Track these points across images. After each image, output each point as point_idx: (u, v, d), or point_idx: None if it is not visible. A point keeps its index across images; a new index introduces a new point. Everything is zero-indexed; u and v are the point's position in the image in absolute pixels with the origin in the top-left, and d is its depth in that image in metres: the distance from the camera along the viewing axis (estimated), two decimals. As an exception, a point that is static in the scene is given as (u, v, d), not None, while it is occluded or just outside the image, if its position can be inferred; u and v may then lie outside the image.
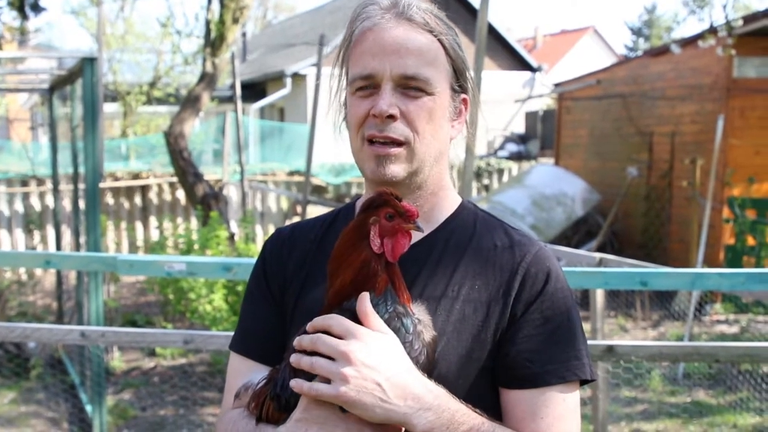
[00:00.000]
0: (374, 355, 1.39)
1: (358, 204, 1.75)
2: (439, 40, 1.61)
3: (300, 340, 1.44)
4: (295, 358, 1.44)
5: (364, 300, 1.43)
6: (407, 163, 1.60)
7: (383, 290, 1.46)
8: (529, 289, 1.59)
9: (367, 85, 1.59)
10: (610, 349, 3.40)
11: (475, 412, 1.49)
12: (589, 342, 3.42)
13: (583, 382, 1.61)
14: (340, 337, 1.40)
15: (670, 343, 4.20)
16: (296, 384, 1.41)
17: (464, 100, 1.69)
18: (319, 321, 1.44)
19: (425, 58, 1.58)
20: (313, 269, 1.71)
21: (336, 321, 1.42)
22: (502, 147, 20.96)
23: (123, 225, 13.17)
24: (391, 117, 1.57)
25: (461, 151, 1.83)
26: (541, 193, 11.65)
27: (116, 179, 13.62)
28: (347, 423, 1.40)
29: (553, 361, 1.55)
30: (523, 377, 1.55)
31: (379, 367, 1.39)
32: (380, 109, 1.56)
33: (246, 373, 1.69)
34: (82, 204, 7.00)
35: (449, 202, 1.72)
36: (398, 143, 1.58)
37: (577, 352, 1.58)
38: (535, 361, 1.55)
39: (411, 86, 1.57)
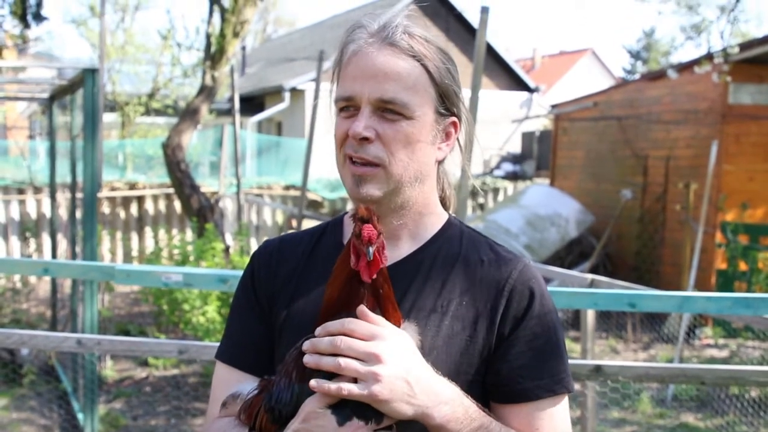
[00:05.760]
0: (399, 354, 1.45)
1: (346, 219, 1.79)
2: (423, 65, 1.63)
3: (317, 343, 1.46)
4: (313, 359, 1.45)
5: (365, 309, 1.47)
6: (383, 183, 1.63)
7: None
8: (516, 306, 1.64)
9: (348, 106, 1.64)
10: (597, 369, 3.44)
11: (484, 411, 1.56)
12: (578, 361, 3.49)
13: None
14: (362, 340, 1.44)
15: (657, 364, 4.24)
16: (318, 384, 1.42)
17: (453, 123, 1.71)
18: (336, 325, 1.46)
19: (404, 83, 1.60)
20: (302, 282, 1.73)
21: (357, 324, 1.45)
22: (498, 166, 21.03)
23: (119, 235, 13.19)
24: (366, 139, 1.60)
25: (457, 170, 1.87)
26: (536, 213, 11.69)
27: (113, 189, 13.66)
28: None
29: (544, 376, 1.62)
30: (517, 393, 1.62)
31: (405, 365, 1.45)
32: (354, 131, 1.60)
33: (233, 383, 1.71)
34: (79, 213, 7.04)
35: (436, 220, 1.76)
36: (373, 164, 1.62)
37: (564, 366, 1.66)
38: (526, 377, 1.61)
39: (389, 110, 1.60)
